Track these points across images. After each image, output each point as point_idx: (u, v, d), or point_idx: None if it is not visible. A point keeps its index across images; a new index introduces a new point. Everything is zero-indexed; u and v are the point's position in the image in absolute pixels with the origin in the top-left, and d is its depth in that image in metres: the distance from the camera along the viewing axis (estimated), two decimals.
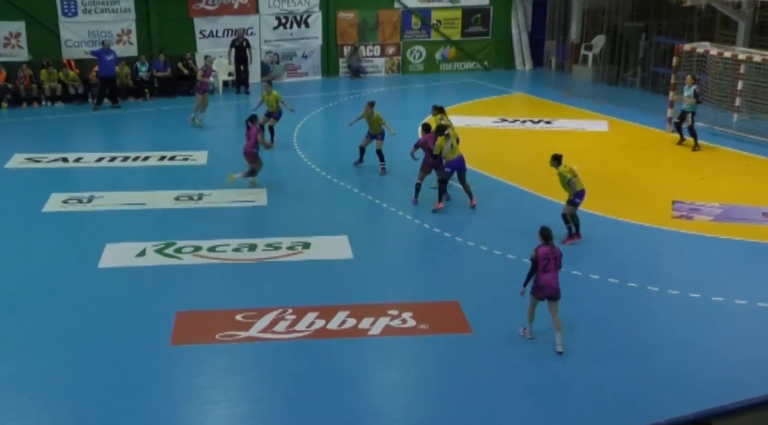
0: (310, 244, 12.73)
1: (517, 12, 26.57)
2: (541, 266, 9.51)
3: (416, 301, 10.87)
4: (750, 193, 15.02)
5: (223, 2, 23.91)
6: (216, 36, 24.02)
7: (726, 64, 19.06)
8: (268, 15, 24.49)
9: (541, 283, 9.58)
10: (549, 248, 9.58)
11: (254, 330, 10.05)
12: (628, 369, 9.25)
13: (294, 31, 24.98)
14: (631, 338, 9.95)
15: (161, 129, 19.96)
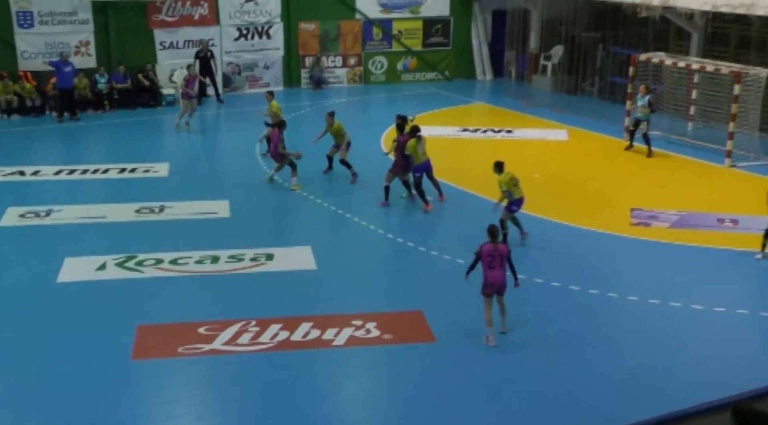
0: (273, 255, 12.68)
1: (477, 23, 26.84)
2: (486, 263, 9.84)
3: (380, 311, 10.89)
4: (705, 200, 15.34)
5: (183, 13, 23.77)
6: (176, 47, 23.86)
7: (680, 73, 19.46)
8: (228, 26, 24.41)
9: (489, 281, 9.91)
10: (494, 246, 9.88)
11: (217, 343, 9.97)
12: (592, 374, 9.36)
13: (255, 42, 24.93)
14: (594, 345, 10.08)
15: (121, 141, 19.75)
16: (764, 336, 10.48)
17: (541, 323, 10.59)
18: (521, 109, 22.69)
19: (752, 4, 17.11)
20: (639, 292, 11.43)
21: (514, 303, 10.97)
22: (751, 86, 17.28)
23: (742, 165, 17.14)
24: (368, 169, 16.93)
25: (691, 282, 11.83)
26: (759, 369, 9.12)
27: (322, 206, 15.06)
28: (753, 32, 19.64)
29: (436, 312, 10.78)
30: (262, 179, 16.59)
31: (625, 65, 21.71)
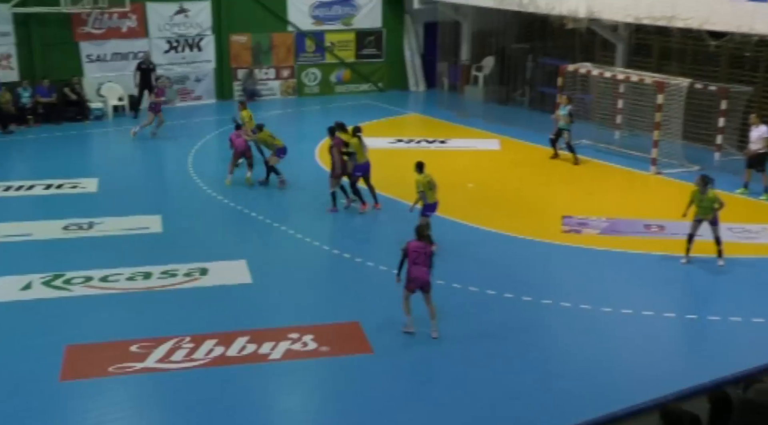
0: (207, 270, 12.51)
1: (409, 34, 27.07)
2: (412, 259, 10.20)
3: (317, 323, 10.84)
4: (632, 206, 15.76)
5: (111, 26, 23.31)
6: (104, 60, 23.38)
7: (606, 84, 20.00)
8: (158, 38, 24.04)
9: (412, 276, 10.26)
10: (421, 244, 10.28)
11: (150, 361, 9.77)
12: (528, 381, 9.48)
13: (186, 54, 24.62)
14: (529, 352, 10.22)
15: (47, 157, 19.21)
16: (691, 338, 10.81)
17: (478, 333, 10.69)
18: (454, 119, 22.95)
19: (672, 16, 17.72)
20: (571, 298, 11.65)
21: (451, 314, 11.06)
22: (673, 96, 17.87)
23: (666, 172, 17.68)
24: (304, 181, 16.87)
25: (621, 287, 12.13)
26: (686, 371, 9.39)
27: (257, 219, 14.94)
28: (674, 44, 20.32)
29: (373, 323, 10.79)
30: (197, 193, 16.39)
31: (554, 76, 22.17)
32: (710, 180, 12.77)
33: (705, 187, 12.63)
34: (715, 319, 10.92)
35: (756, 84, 18.61)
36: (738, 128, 18.44)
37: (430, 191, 13.12)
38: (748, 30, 16.39)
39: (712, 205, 12.55)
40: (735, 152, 18.12)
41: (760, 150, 15.87)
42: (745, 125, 17.08)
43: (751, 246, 13.60)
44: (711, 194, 12.61)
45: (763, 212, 15.39)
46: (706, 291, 12.03)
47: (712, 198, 12.59)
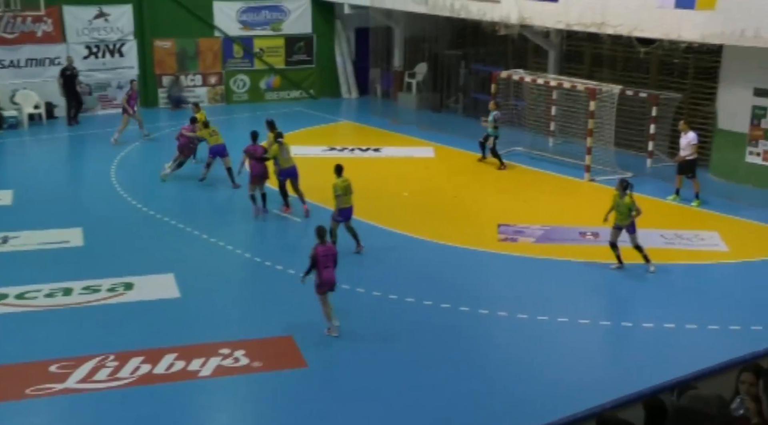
0: (132, 284, 12.29)
1: (340, 40, 27.13)
2: (322, 264, 10.48)
3: (249, 338, 10.74)
4: (567, 214, 16.10)
5: (24, 30, 22.68)
6: (18, 66, 22.75)
7: (540, 90, 20.43)
8: (76, 44, 23.50)
9: (325, 279, 10.56)
10: (327, 247, 10.68)
11: (71, 381, 9.51)
12: (465, 391, 9.57)
13: (107, 60, 24.14)
14: (465, 361, 10.32)
15: None
16: (626, 345, 11.08)
17: (414, 343, 10.75)
18: (388, 127, 23.08)
19: (602, 23, 18.23)
20: (508, 307, 11.82)
21: (387, 325, 11.11)
22: (605, 102, 18.37)
23: (600, 179, 18.13)
24: (232, 190, 16.72)
25: (557, 296, 12.36)
26: (621, 378, 9.62)
27: (184, 230, 14.72)
28: (605, 50, 20.90)
29: (307, 337, 10.74)
30: (120, 204, 16.09)
31: (487, 82, 22.53)
32: (629, 185, 13.07)
33: (623, 191, 12.90)
34: (650, 326, 11.23)
35: (685, 91, 19.28)
36: (668, 135, 19.07)
37: (344, 195, 13.35)
38: (675, 37, 16.98)
39: (628, 211, 12.79)
40: (666, 158, 18.72)
41: (688, 157, 16.41)
42: (675, 132, 17.67)
43: (683, 252, 14.04)
44: (627, 199, 12.87)
45: (694, 218, 15.92)
46: (641, 298, 12.36)
47: (628, 204, 12.84)
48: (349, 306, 11.79)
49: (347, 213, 13.51)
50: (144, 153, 20.69)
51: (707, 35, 16.34)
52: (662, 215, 16.03)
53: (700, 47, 17.45)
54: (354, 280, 12.63)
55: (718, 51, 17.80)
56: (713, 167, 18.32)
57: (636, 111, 20.06)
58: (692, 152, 16.34)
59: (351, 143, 21.46)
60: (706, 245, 14.32)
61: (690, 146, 16.36)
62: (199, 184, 17.46)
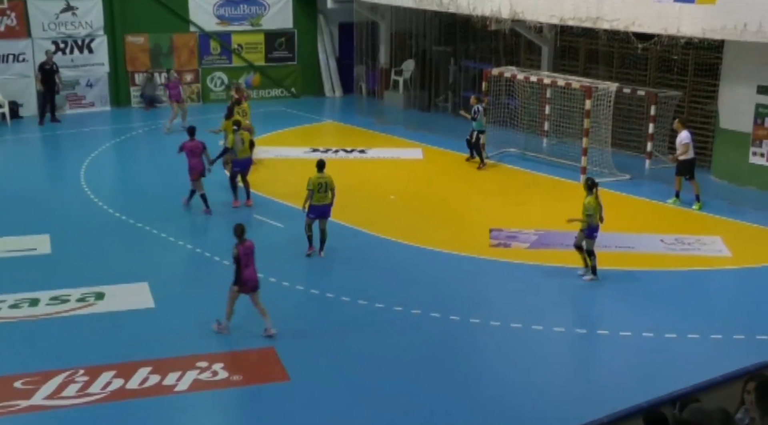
0: (104, 294, 12.23)
1: (323, 36, 27.14)
2: (243, 263, 10.63)
3: (228, 350, 10.71)
4: (563, 218, 16.08)
5: None
6: None
7: (533, 88, 20.51)
8: (42, 39, 23.39)
9: (245, 278, 10.70)
10: (247, 245, 10.87)
11: (38, 398, 9.44)
12: (458, 403, 9.57)
13: (75, 56, 24.05)
14: (457, 371, 10.32)
15: None
16: (625, 356, 11.10)
17: (401, 354, 10.75)
18: (373, 127, 23.10)
19: (598, 18, 18.32)
20: (501, 316, 11.83)
21: (374, 334, 11.10)
22: (601, 101, 18.46)
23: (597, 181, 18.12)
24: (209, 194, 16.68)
25: (552, 304, 12.39)
26: (621, 391, 9.65)
27: (159, 237, 14.67)
28: (601, 46, 21.02)
29: (290, 348, 10.72)
30: (91, 209, 16.02)
31: (478, 80, 22.60)
32: (594, 184, 13.09)
33: (588, 191, 12.98)
34: (649, 336, 11.27)
35: (684, 88, 19.41)
36: (668, 135, 19.17)
37: (317, 192, 13.57)
38: (675, 32, 17.08)
39: (584, 212, 12.84)
40: (666, 159, 18.83)
41: (682, 157, 16.40)
42: (674, 131, 17.75)
43: (684, 258, 14.10)
44: (587, 200, 12.90)
45: (695, 222, 16.01)
46: (641, 307, 12.39)
47: (585, 205, 12.86)
48: (334, 316, 11.78)
49: (316, 211, 13.69)
50: (117, 154, 20.60)
51: (708, 30, 16.46)
52: (662, 219, 16.12)
53: (700, 43, 17.58)
54: (338, 288, 12.62)
55: (719, 47, 17.93)
56: (715, 169, 18.45)
57: (634, 110, 20.18)
58: (683, 151, 16.36)
59: (335, 144, 21.45)
60: (708, 251, 14.40)
61: (681, 145, 16.43)
62: (171, 186, 17.41)
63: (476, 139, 19.21)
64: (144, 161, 19.42)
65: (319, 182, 13.65)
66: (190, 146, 15.62)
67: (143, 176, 18.36)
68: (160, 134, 21.89)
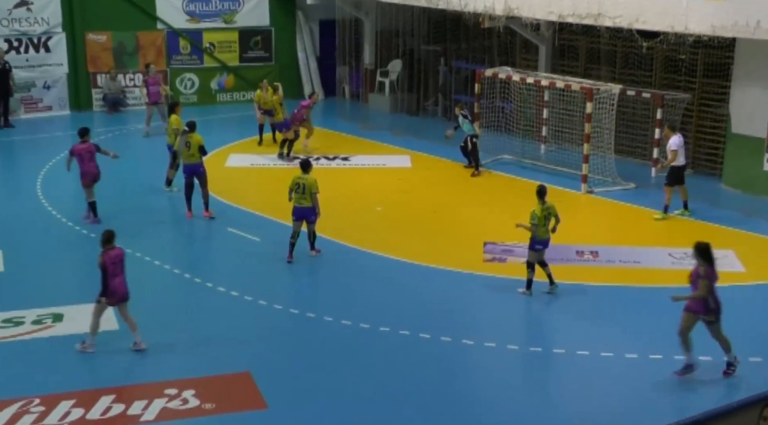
0: (62, 315, 12.18)
1: (302, 34, 27.18)
2: (110, 271, 10.73)
3: (199, 375, 10.66)
4: (562, 230, 16.12)
5: None
6: None
7: (529, 90, 20.60)
8: None
9: (113, 289, 10.79)
10: (116, 252, 11.01)
11: None
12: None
13: (30, 56, 23.98)
14: (450, 396, 10.29)
15: None
16: (632, 380, 11.08)
17: (388, 379, 10.72)
18: (358, 132, 23.12)
19: (599, 14, 18.44)
20: (496, 337, 11.82)
21: (359, 356, 11.05)
22: (603, 104, 18.55)
23: (599, 191, 18.28)
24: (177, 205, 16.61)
25: (552, 324, 12.39)
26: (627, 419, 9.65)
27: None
28: (602, 45, 21.15)
29: (267, 373, 10.69)
30: (49, 223, 15.93)
31: (470, 81, 22.67)
32: (544, 192, 13.30)
33: (540, 198, 13.23)
34: (657, 358, 11.27)
35: (693, 90, 19.53)
36: None
37: (296, 193, 13.88)
38: (682, 30, 17.21)
39: (530, 220, 13.04)
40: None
41: (673, 164, 16.41)
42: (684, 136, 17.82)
43: None
44: (534, 208, 13.14)
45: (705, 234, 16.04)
46: (648, 327, 12.37)
47: (531, 214, 13.10)
48: (315, 337, 11.74)
49: (296, 213, 14.05)
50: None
51: (718, 27, 16.58)
52: (670, 231, 16.18)
53: (710, 41, 17.69)
54: (320, 307, 12.58)
55: (730, 45, 18.07)
56: (727, 177, 18.56)
57: (638, 114, 20.29)
58: (672, 158, 16.40)
59: (316, 150, 21.43)
60: (720, 266, 14.31)
61: (669, 152, 16.46)
62: (139, 196, 17.37)
63: (472, 145, 19.28)
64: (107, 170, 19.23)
65: (297, 182, 14.04)
66: (81, 148, 15.58)
67: (106, 187, 18.20)
68: (125, 140, 21.83)
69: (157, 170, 18.13)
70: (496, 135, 20.75)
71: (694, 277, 10.75)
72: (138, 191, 17.88)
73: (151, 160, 19.34)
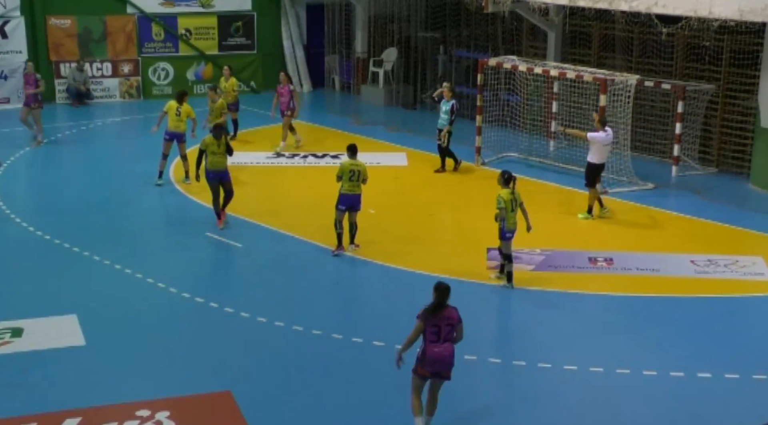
0: (22, 330, 12.16)
1: (287, 19, 27.22)
2: None
3: (175, 395, 10.65)
4: (574, 235, 16.22)
5: None
6: None
7: (537, 81, 20.64)
8: None
9: None
10: None
11: None
12: None
13: None
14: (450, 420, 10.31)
15: None
16: (650, 399, 11.12)
17: (383, 398, 10.73)
18: (348, 128, 23.15)
19: None
20: (502, 352, 11.87)
21: (349, 372, 11.05)
22: (619, 96, 18.60)
23: (614, 191, 18.32)
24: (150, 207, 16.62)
25: (561, 337, 12.41)
26: None
27: (91, 260, 14.60)
28: (617, 31, 21.22)
29: (249, 392, 10.68)
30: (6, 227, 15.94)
31: (472, 71, 22.71)
32: (510, 177, 13.76)
33: (505, 184, 13.70)
34: (679, 375, 11.31)
35: (718, 81, 19.60)
36: (698, 136, 19.35)
37: (350, 180, 14.43)
38: (706, 14, 17.28)
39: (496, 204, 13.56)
40: (696, 165, 18.97)
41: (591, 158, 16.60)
42: (707, 132, 17.89)
43: (719, 282, 14.20)
44: (501, 191, 13.68)
45: (731, 240, 16.12)
46: (668, 340, 12.42)
47: (498, 198, 13.64)
48: (302, 352, 11.75)
49: (347, 201, 14.38)
50: (39, 161, 20.50)
51: (746, 11, 16.66)
52: (692, 235, 16.24)
53: (737, 26, 17.78)
54: (308, 320, 12.58)
55: (759, 31, 18.15)
56: (755, 177, 18.63)
57: (657, 107, 20.36)
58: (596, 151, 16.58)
59: (303, 147, 21.45)
60: (747, 274, 14.51)
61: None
62: (107, 200, 17.37)
63: (447, 141, 19.31)
64: (72, 169, 19.28)
65: (352, 169, 14.39)
66: None
67: (71, 188, 18.23)
68: (93, 135, 21.80)
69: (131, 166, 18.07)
70: (501, 131, 20.80)
71: None
72: (105, 191, 17.85)
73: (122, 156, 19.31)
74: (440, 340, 9.37)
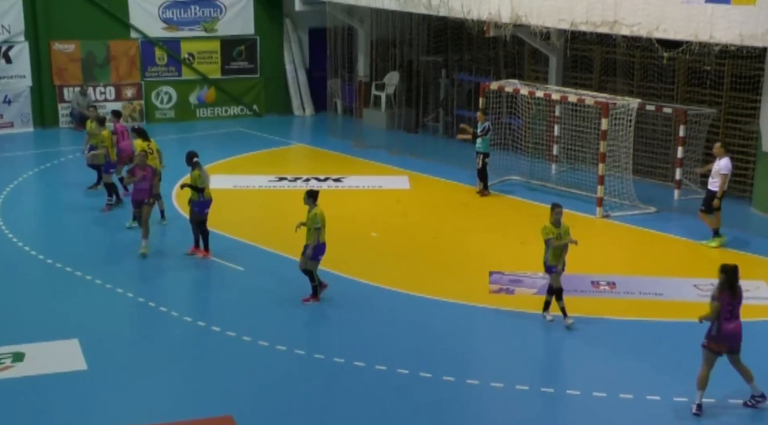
0: (23, 354, 12.14)
1: (290, 44, 27.31)
2: None
3: (177, 419, 10.62)
4: (576, 258, 16.14)
5: None
6: None
7: (539, 105, 20.67)
8: None
9: None
10: None
11: None
12: None
13: None
14: None
15: None
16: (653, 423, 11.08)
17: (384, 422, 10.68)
18: (351, 151, 23.17)
19: (615, 22, 18.57)
20: (504, 376, 11.79)
21: (351, 396, 11.03)
22: (620, 120, 18.62)
23: (616, 215, 18.31)
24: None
25: (565, 361, 12.38)
26: None
27: (93, 284, 14.60)
28: (619, 55, 21.27)
29: (251, 416, 10.65)
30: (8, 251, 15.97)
31: (474, 95, 22.75)
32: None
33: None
34: (682, 400, 11.26)
35: (719, 105, 19.63)
36: (700, 160, 19.34)
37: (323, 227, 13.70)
38: (707, 38, 17.32)
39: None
40: (698, 189, 18.96)
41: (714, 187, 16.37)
42: (709, 155, 17.86)
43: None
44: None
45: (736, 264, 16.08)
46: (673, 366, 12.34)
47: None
48: (305, 376, 11.72)
49: (324, 250, 13.83)
50: (39, 186, 20.53)
51: (747, 36, 16.69)
52: (695, 259, 16.20)
53: (738, 51, 17.81)
54: (310, 343, 12.57)
55: (760, 56, 18.19)
56: (757, 201, 18.60)
57: (659, 130, 20.37)
58: (722, 182, 16.34)
59: (305, 171, 21.49)
60: (751, 299, 14.40)
61: (719, 175, 16.37)
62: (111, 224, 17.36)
63: (483, 163, 19.30)
64: (74, 193, 19.26)
65: (322, 218, 13.76)
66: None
67: (73, 211, 18.23)
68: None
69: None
70: (503, 154, 20.80)
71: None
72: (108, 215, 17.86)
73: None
74: (733, 317, 10.67)
